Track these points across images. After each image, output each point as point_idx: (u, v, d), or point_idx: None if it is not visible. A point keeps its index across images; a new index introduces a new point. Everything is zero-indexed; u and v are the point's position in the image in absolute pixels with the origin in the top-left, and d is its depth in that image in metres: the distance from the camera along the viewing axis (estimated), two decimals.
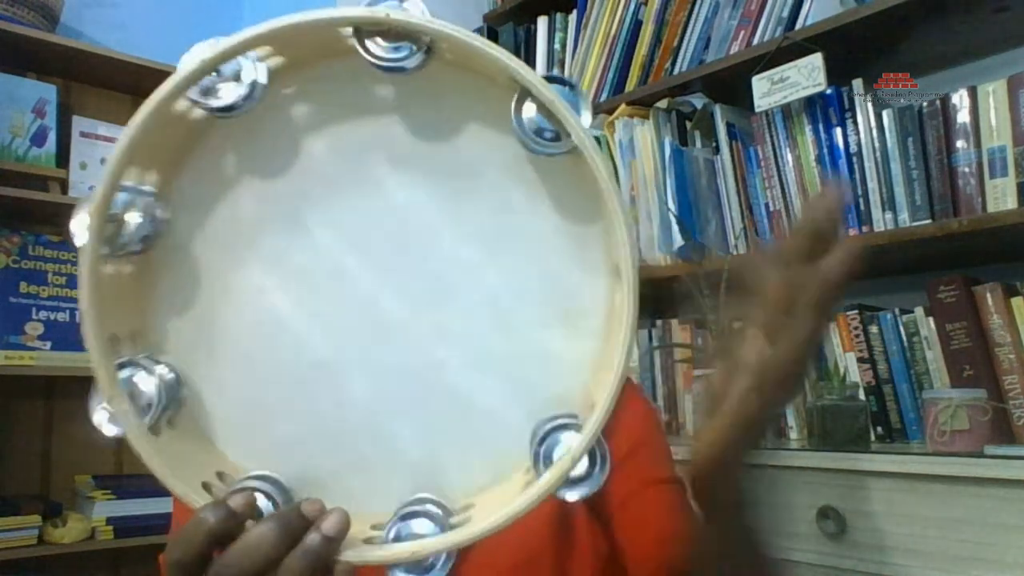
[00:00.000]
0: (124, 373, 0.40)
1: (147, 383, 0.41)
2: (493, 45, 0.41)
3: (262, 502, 0.41)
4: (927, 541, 0.99)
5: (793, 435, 1.43)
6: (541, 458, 0.41)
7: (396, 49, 0.41)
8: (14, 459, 1.87)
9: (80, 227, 0.38)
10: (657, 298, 1.87)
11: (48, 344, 1.82)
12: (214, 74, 0.40)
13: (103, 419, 0.39)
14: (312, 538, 0.39)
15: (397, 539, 0.41)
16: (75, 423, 1.95)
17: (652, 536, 0.64)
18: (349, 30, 0.41)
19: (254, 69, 0.41)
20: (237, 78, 0.40)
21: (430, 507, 0.43)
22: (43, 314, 1.84)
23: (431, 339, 0.44)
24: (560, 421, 0.42)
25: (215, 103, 0.40)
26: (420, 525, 0.42)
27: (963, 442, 1.07)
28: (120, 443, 0.39)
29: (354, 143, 0.44)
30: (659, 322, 1.69)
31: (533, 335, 0.44)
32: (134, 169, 0.41)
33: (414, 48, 0.41)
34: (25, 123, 1.84)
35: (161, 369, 0.42)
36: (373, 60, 0.40)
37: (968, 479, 0.96)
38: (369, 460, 0.45)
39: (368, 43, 0.41)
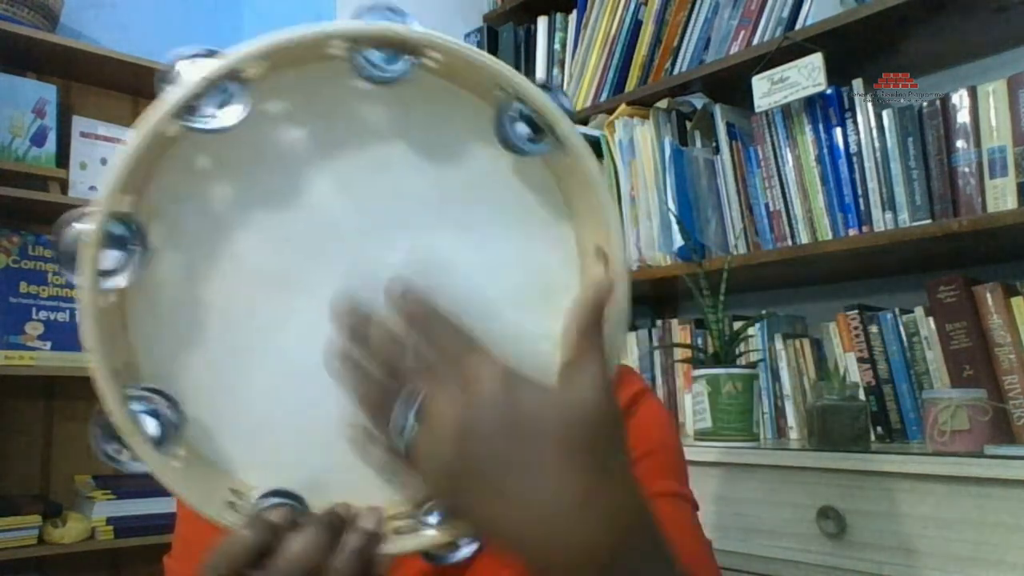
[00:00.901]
0: (132, 407, 0.40)
1: (152, 414, 0.41)
2: (483, 52, 0.42)
3: None
4: (927, 541, 0.99)
5: (793, 435, 1.43)
6: None
7: (387, 60, 0.41)
8: (14, 459, 1.87)
9: (69, 259, 0.39)
10: (657, 298, 1.87)
11: (48, 344, 1.82)
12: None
13: (117, 454, 0.40)
14: (354, 537, 0.39)
15: (424, 525, 0.42)
16: (75, 423, 1.95)
17: None
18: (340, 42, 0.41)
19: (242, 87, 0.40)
20: (227, 97, 0.40)
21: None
22: (43, 314, 1.84)
23: None
24: None
25: (212, 124, 0.39)
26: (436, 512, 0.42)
27: (963, 442, 1.07)
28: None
29: (333, 137, 0.44)
30: (659, 322, 1.69)
31: (515, 316, 0.45)
32: (125, 197, 0.40)
33: (405, 58, 0.41)
34: (25, 123, 1.84)
35: (159, 399, 0.42)
36: (364, 72, 0.41)
37: (968, 479, 0.96)
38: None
39: (359, 55, 0.41)
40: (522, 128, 0.43)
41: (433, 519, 0.42)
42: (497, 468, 0.36)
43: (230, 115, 0.39)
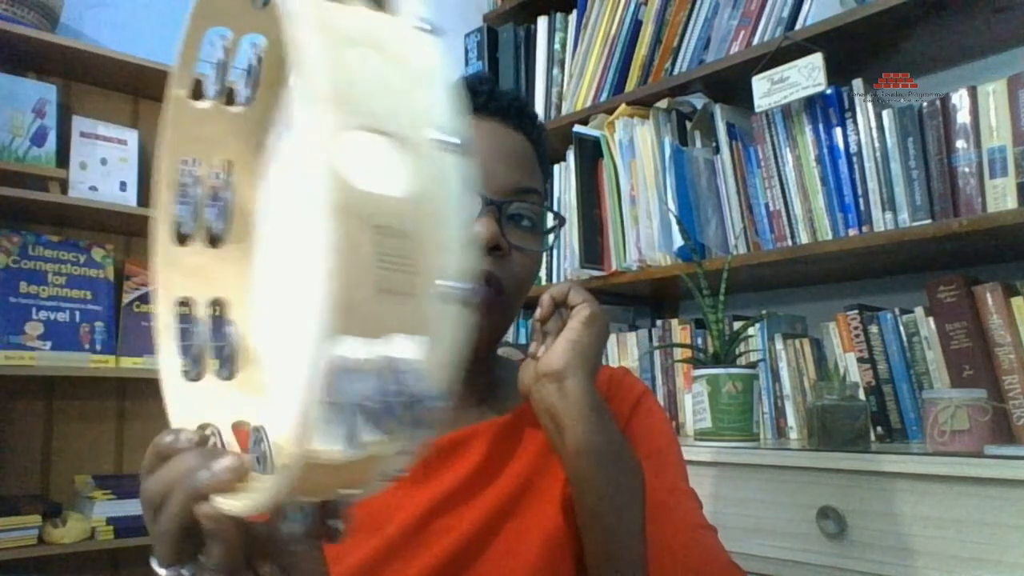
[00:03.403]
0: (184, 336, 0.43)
1: (200, 327, 0.43)
2: None
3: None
4: (927, 541, 0.99)
5: (793, 435, 1.43)
6: None
7: None
8: (14, 459, 1.87)
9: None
10: (657, 298, 1.87)
11: (48, 344, 1.82)
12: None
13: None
14: (202, 474, 0.38)
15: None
16: (75, 423, 1.95)
17: None
18: None
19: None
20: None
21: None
22: (43, 314, 1.84)
23: None
24: None
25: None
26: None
27: (963, 442, 1.07)
28: (120, 443, 0.39)
29: None
30: (659, 322, 1.68)
31: None
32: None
33: None
34: (25, 123, 1.84)
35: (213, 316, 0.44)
36: None
37: (968, 479, 0.96)
38: None
39: None
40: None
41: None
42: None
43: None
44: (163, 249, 0.43)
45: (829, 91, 1.34)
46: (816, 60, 1.33)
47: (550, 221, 0.71)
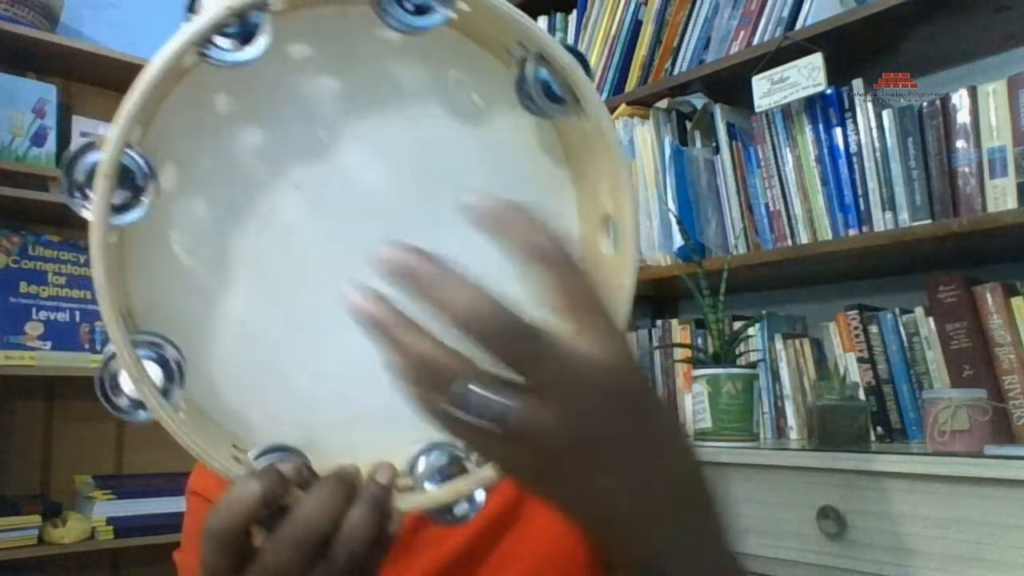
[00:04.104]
0: (140, 352, 0.38)
1: (158, 361, 0.39)
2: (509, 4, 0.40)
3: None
4: (927, 541, 0.99)
5: (793, 435, 1.43)
6: None
7: (419, 9, 0.39)
8: (14, 459, 1.87)
9: (78, 191, 0.36)
10: (657, 298, 1.87)
11: (48, 344, 1.82)
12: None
13: (126, 406, 0.37)
14: (372, 489, 0.37)
15: (430, 482, 0.41)
16: (75, 423, 1.95)
17: None
18: None
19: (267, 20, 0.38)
20: (250, 29, 0.37)
21: (446, 450, 0.42)
22: (43, 314, 1.84)
23: None
24: None
25: (236, 56, 0.37)
26: (441, 468, 0.41)
27: (963, 442, 1.07)
28: (120, 443, 0.39)
29: (366, 95, 0.42)
30: (659, 322, 1.69)
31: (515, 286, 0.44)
32: (137, 127, 0.38)
33: (439, 10, 0.39)
34: (25, 123, 1.84)
35: (166, 347, 0.39)
36: (392, 20, 0.39)
37: (968, 479, 0.96)
38: (369, 412, 0.43)
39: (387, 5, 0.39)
40: (541, 89, 0.41)
41: (430, 483, 0.41)
42: (632, 443, 0.33)
43: (253, 49, 0.37)
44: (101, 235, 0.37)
45: (829, 91, 1.34)
46: (816, 60, 1.33)
47: None
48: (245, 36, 0.37)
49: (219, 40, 0.37)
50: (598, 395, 0.31)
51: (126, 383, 0.37)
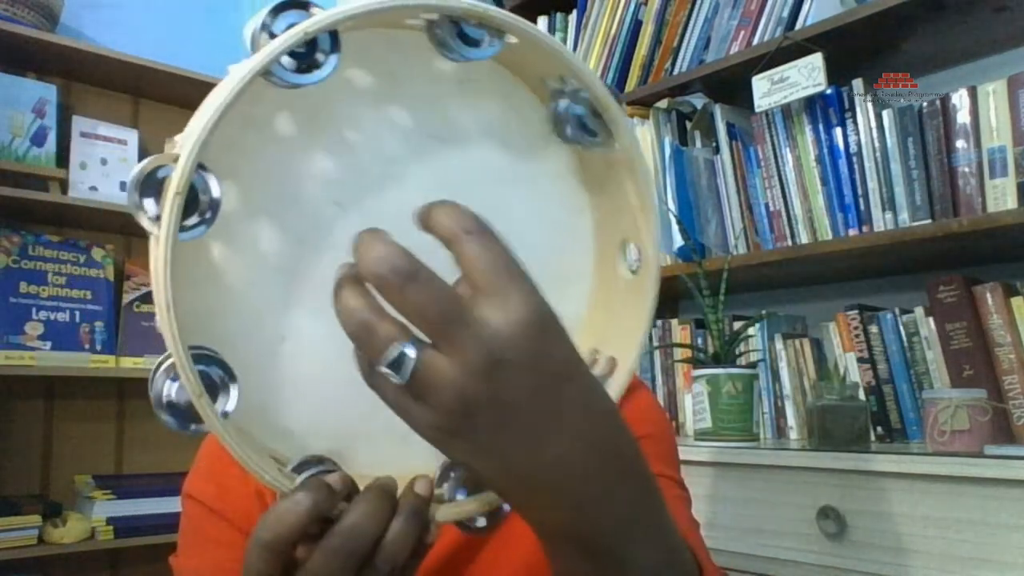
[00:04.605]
0: (199, 367, 0.37)
1: (211, 376, 0.39)
2: (552, 37, 0.42)
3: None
4: (927, 541, 0.99)
5: (793, 435, 1.43)
6: None
7: (472, 41, 0.39)
8: (14, 459, 1.87)
9: (150, 208, 0.35)
10: (657, 298, 1.87)
11: (48, 344, 1.82)
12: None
13: (171, 419, 0.37)
14: (413, 501, 0.38)
15: (460, 494, 0.42)
16: (75, 423, 1.95)
17: None
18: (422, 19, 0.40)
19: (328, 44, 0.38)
20: (316, 51, 0.37)
21: None
22: (43, 314, 1.84)
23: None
24: None
25: (307, 79, 0.37)
26: (468, 479, 0.42)
27: (963, 442, 1.07)
28: (120, 442, 0.38)
29: (427, 131, 0.43)
30: (659, 322, 1.69)
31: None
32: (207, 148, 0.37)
33: (492, 41, 0.40)
34: (25, 123, 1.84)
35: (214, 360, 0.39)
36: (449, 50, 0.40)
37: (968, 479, 0.96)
38: (397, 423, 0.44)
39: (440, 30, 0.39)
40: (576, 122, 0.43)
41: (460, 494, 0.42)
42: (535, 405, 0.32)
43: (321, 72, 0.37)
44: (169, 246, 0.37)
45: (829, 91, 1.34)
46: (816, 60, 1.33)
47: None
48: (309, 56, 0.38)
49: (284, 59, 0.37)
50: (500, 354, 0.31)
51: (179, 395, 0.37)
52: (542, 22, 1.98)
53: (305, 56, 0.37)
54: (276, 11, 0.37)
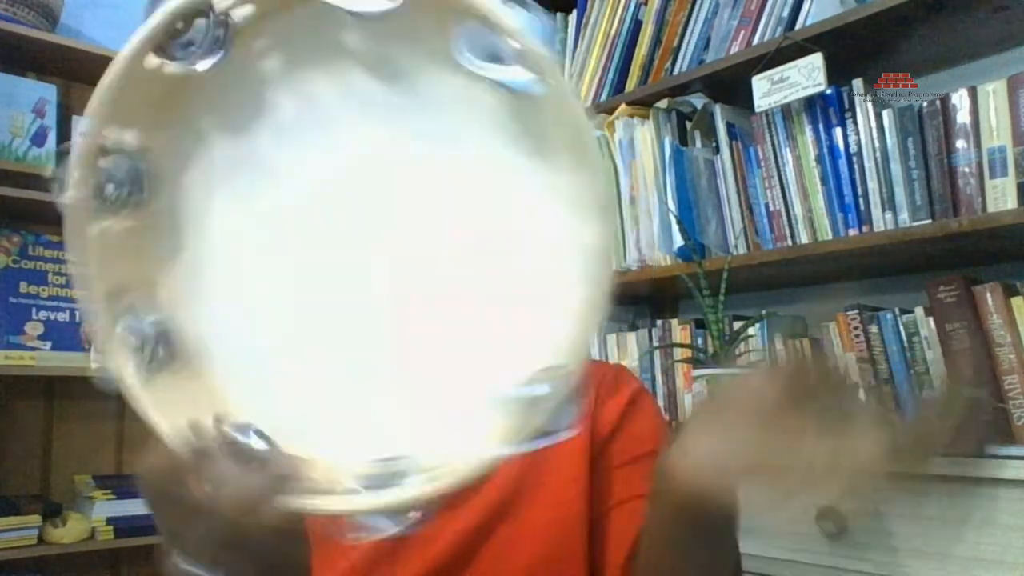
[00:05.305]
0: (119, 325, 0.43)
1: (137, 331, 0.44)
2: None
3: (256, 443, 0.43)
4: (927, 541, 0.99)
5: None
6: (515, 414, 0.42)
7: None
8: (14, 459, 1.87)
9: (64, 181, 0.42)
10: (657, 298, 1.87)
11: (48, 344, 1.82)
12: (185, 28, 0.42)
13: (99, 369, 0.42)
14: (257, 477, 0.41)
15: (376, 489, 0.43)
16: (75, 423, 1.96)
17: (628, 549, 0.63)
18: None
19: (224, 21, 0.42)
20: (209, 33, 0.42)
21: (406, 462, 0.43)
22: (43, 314, 1.84)
23: (397, 281, 0.45)
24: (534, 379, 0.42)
25: (188, 54, 0.42)
26: (396, 478, 0.43)
27: (963, 442, 1.07)
28: (120, 442, 0.40)
29: (323, 92, 0.45)
30: (659, 322, 1.68)
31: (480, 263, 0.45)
32: (114, 127, 0.44)
33: None
34: (25, 123, 1.85)
35: (152, 318, 0.44)
36: (345, 7, 0.40)
37: (968, 479, 0.96)
38: (348, 414, 0.46)
39: None
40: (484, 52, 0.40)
41: (389, 482, 0.43)
42: None
43: (206, 61, 0.42)
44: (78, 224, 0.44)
45: (829, 91, 1.34)
46: (816, 60, 1.33)
47: None
48: (210, 47, 0.42)
49: (192, 48, 0.42)
50: None
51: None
52: None
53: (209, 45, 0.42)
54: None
